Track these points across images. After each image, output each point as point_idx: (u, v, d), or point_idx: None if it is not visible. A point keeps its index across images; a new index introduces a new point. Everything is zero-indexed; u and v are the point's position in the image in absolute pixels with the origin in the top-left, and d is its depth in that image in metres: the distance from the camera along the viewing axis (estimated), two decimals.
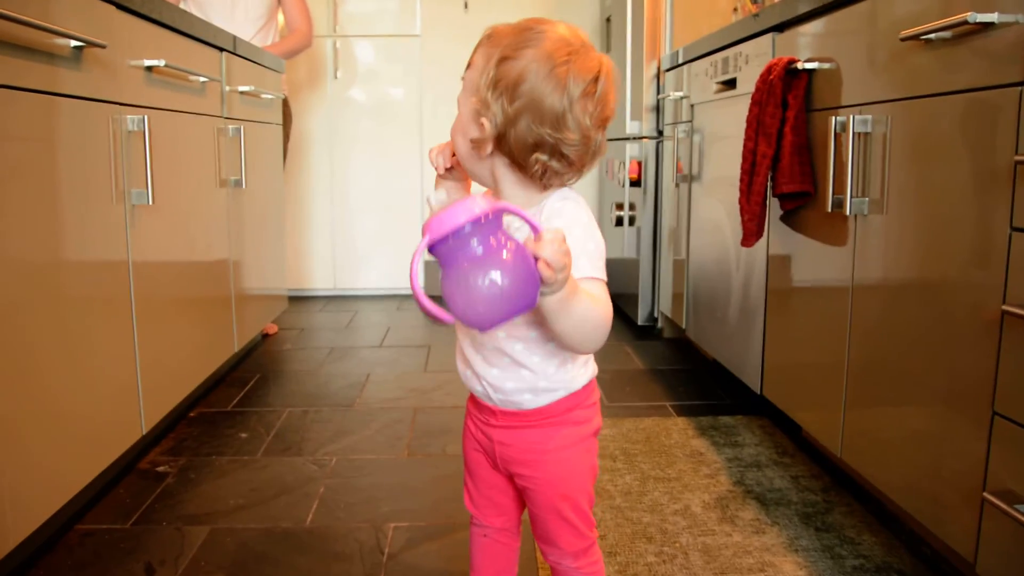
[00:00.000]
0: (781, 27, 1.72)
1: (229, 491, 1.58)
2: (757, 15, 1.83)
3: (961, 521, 1.09)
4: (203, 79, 1.90)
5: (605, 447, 1.77)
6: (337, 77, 3.53)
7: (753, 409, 2.03)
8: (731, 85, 2.02)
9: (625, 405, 2.09)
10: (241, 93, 2.25)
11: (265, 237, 2.58)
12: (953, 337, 1.11)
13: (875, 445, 1.34)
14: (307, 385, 2.29)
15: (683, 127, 2.44)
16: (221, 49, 2.07)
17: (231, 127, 2.15)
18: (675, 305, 2.58)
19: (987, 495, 1.02)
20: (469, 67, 0.85)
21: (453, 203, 0.71)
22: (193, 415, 2.02)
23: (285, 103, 2.94)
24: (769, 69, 1.62)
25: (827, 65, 1.49)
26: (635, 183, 2.83)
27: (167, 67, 1.63)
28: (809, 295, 1.60)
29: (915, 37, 1.15)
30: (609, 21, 3.25)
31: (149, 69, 1.59)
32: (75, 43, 1.29)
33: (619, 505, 1.49)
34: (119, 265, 1.48)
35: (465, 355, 0.92)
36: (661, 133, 2.77)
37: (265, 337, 2.86)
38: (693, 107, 2.35)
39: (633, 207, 2.84)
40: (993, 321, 1.02)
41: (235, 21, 2.74)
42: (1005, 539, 1.01)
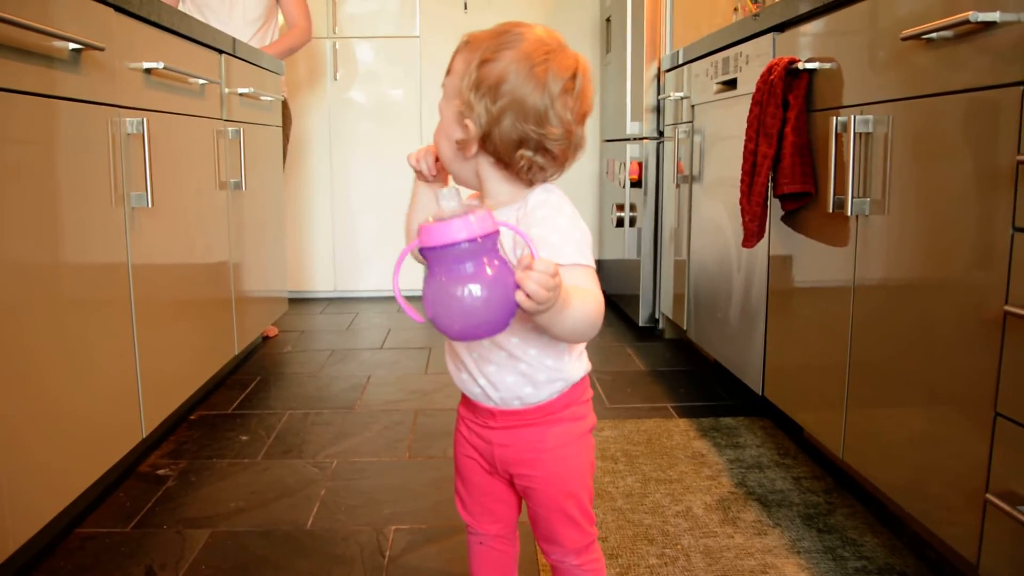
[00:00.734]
0: (782, 27, 1.72)
1: (230, 494, 1.58)
2: (757, 15, 1.82)
3: (963, 522, 1.09)
4: (202, 81, 1.90)
5: (606, 448, 1.77)
6: (337, 78, 3.53)
7: (755, 410, 2.03)
8: (732, 85, 2.01)
9: (626, 406, 2.08)
10: (240, 95, 2.24)
11: (265, 239, 2.58)
12: (955, 338, 1.11)
13: (877, 446, 1.33)
14: (308, 387, 2.29)
15: (684, 128, 2.43)
16: (220, 51, 2.07)
17: (231, 129, 2.15)
18: (676, 306, 2.58)
19: (989, 496, 1.02)
20: (449, 73, 0.87)
21: (457, 213, 0.73)
22: (193, 418, 2.02)
23: (285, 105, 2.94)
24: (770, 69, 1.62)
25: (828, 65, 1.49)
26: (636, 184, 2.82)
27: (166, 69, 1.62)
28: (810, 296, 1.60)
29: (916, 36, 1.15)
30: (609, 21, 3.25)
31: (148, 71, 1.59)
32: (73, 46, 1.29)
33: (620, 507, 1.49)
34: (119, 268, 1.47)
35: (459, 357, 0.92)
36: (662, 134, 2.77)
37: (265, 339, 2.86)
38: (694, 107, 2.35)
39: (634, 208, 2.84)
40: (995, 322, 1.02)
41: (233, 22, 2.74)
42: (1008, 541, 1.00)
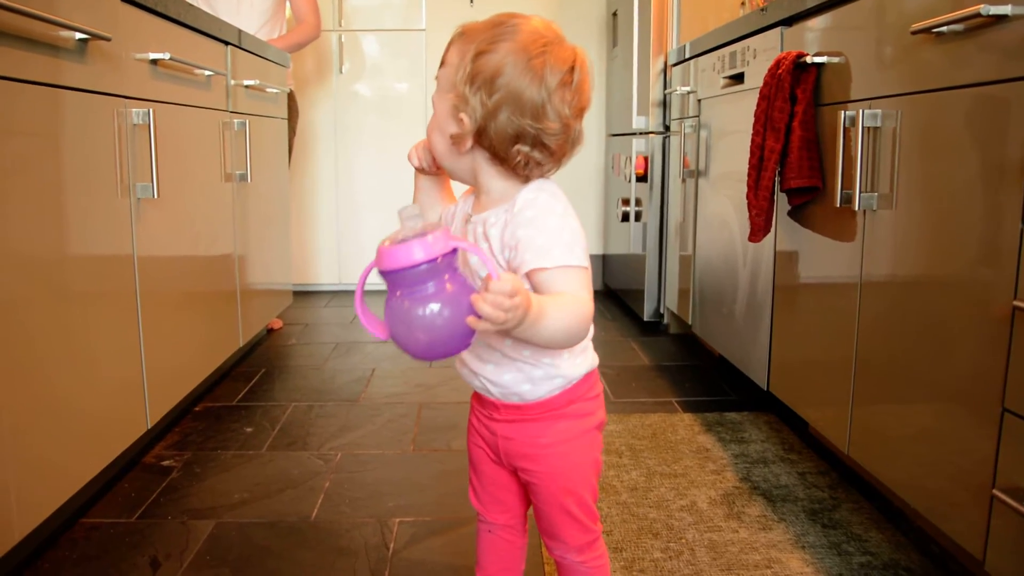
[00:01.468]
0: (789, 21, 1.71)
1: (234, 485, 1.58)
2: (765, 9, 1.81)
3: (969, 518, 1.09)
4: (208, 73, 1.89)
5: (611, 443, 1.77)
6: (343, 71, 3.53)
7: (760, 405, 2.03)
8: (739, 80, 2.00)
9: (631, 401, 2.08)
10: (246, 87, 2.24)
11: (270, 232, 2.58)
12: (963, 333, 1.10)
13: (883, 442, 1.33)
14: (312, 380, 2.29)
15: (690, 122, 2.42)
16: (226, 43, 2.07)
17: (236, 121, 2.15)
18: (681, 301, 2.57)
19: (996, 492, 1.02)
20: (443, 65, 0.85)
21: (415, 235, 0.73)
22: (198, 409, 2.02)
23: (291, 97, 2.94)
24: (777, 63, 1.61)
25: (836, 59, 1.48)
26: (641, 178, 2.82)
27: (172, 60, 1.62)
28: (817, 291, 1.59)
29: (926, 30, 1.14)
30: (616, 16, 3.24)
31: (154, 62, 1.59)
32: (80, 35, 1.29)
33: (625, 501, 1.49)
34: (124, 259, 1.48)
35: (460, 354, 0.91)
36: (668, 128, 2.76)
37: (270, 332, 2.86)
38: (700, 102, 2.34)
39: (639, 203, 2.83)
40: (1003, 317, 1.01)
41: (241, 15, 2.74)
42: (1014, 536, 1.00)
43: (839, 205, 1.41)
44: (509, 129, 0.80)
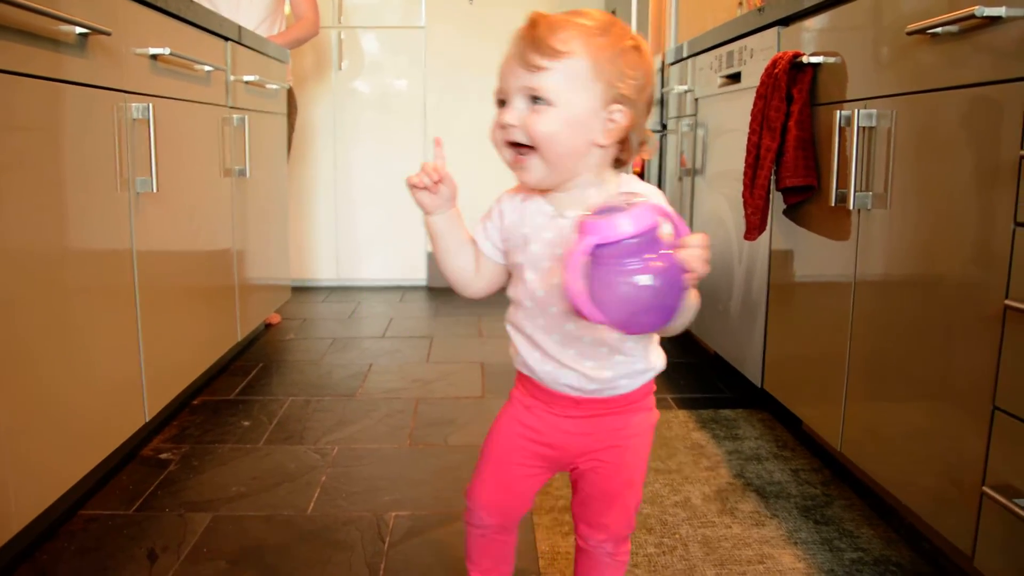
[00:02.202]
0: (786, 21, 1.72)
1: (231, 479, 1.59)
2: (762, 9, 1.82)
3: (960, 515, 1.10)
4: (208, 68, 1.90)
5: None
6: (341, 68, 3.53)
7: (754, 402, 2.04)
8: (735, 79, 2.01)
9: None
10: (246, 83, 2.25)
11: (269, 227, 2.58)
12: (955, 332, 1.12)
13: (875, 439, 1.34)
14: (309, 375, 2.30)
15: (687, 121, 2.43)
16: (226, 38, 2.07)
17: (236, 116, 2.15)
18: None
19: (987, 489, 1.03)
20: (556, 56, 0.78)
21: (622, 210, 0.71)
22: (196, 403, 2.03)
23: (290, 93, 2.94)
24: (774, 63, 1.62)
25: (832, 59, 1.49)
26: (639, 176, 2.82)
27: (172, 55, 1.63)
28: (811, 289, 1.61)
29: (921, 31, 1.15)
30: (614, 14, 3.24)
31: (154, 57, 1.59)
32: (80, 30, 1.29)
33: None
34: (123, 254, 1.48)
35: (543, 349, 0.89)
36: (665, 127, 2.77)
37: (268, 327, 2.87)
38: (697, 101, 2.35)
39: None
40: (995, 316, 1.02)
41: (241, 11, 2.74)
42: (1003, 533, 1.01)
43: (834, 204, 1.42)
44: (642, 122, 0.85)
